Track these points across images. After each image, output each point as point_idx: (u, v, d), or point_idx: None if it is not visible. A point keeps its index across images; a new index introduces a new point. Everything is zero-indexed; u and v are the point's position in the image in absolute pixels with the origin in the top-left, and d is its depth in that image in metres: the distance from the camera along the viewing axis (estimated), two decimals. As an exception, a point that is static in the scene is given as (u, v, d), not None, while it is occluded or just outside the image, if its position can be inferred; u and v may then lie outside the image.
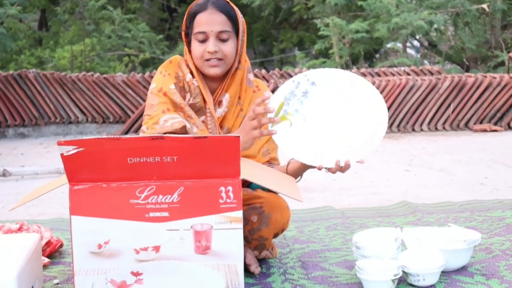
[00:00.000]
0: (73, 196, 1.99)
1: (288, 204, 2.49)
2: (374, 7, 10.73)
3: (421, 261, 2.22)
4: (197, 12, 2.40)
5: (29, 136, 8.42)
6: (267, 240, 2.44)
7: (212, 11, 2.39)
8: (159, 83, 2.46)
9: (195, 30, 2.40)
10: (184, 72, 2.48)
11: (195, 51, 2.41)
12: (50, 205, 3.98)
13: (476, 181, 4.47)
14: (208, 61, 2.40)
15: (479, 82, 7.97)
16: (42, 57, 12.48)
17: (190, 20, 2.43)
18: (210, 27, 2.38)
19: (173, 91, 2.44)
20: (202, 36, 2.39)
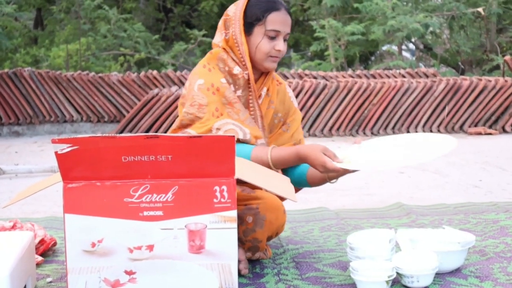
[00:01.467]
0: (66, 194, 1.98)
1: (285, 208, 2.49)
2: (370, 9, 10.76)
3: (415, 262, 2.22)
4: (271, 9, 2.47)
5: (23, 134, 8.40)
6: (261, 243, 2.44)
7: (285, 12, 2.50)
8: (208, 78, 2.47)
9: (269, 26, 2.46)
10: (230, 65, 2.50)
11: (263, 46, 2.47)
12: (44, 203, 3.97)
13: (470, 183, 4.48)
14: (271, 57, 2.49)
15: (474, 85, 7.99)
16: (37, 56, 12.47)
17: (261, 14, 2.47)
18: (284, 27, 2.48)
19: (225, 85, 2.46)
20: (274, 34, 2.47)
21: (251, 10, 2.49)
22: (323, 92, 7.94)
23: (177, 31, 15.05)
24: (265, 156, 2.40)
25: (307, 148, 2.36)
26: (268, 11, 2.47)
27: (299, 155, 2.38)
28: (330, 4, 11.22)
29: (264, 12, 2.46)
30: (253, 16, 2.48)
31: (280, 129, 2.66)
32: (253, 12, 2.48)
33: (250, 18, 2.49)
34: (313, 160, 2.32)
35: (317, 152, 2.32)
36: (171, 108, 7.81)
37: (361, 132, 7.94)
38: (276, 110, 2.64)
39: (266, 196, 2.43)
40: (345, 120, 7.95)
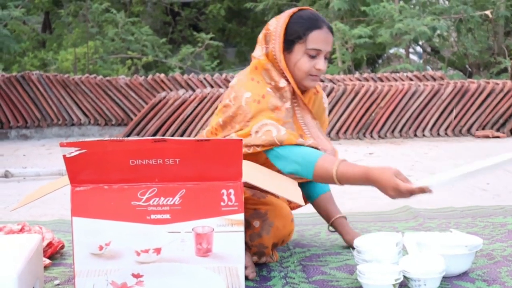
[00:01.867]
0: (74, 198, 1.99)
1: (293, 217, 2.49)
2: (377, 12, 10.75)
3: (422, 266, 2.22)
4: (313, 27, 2.45)
5: (31, 137, 8.43)
6: (267, 249, 2.44)
7: (327, 31, 2.48)
8: (255, 90, 2.43)
9: (310, 45, 2.44)
10: (276, 79, 2.47)
11: (303, 65, 2.45)
12: (52, 206, 3.98)
13: (478, 187, 4.47)
14: (311, 76, 2.47)
15: (482, 88, 7.97)
16: (45, 59, 12.51)
17: (302, 32, 2.44)
18: (326, 46, 2.47)
19: (271, 93, 2.44)
20: (315, 53, 2.45)
21: (293, 27, 2.46)
22: (330, 95, 7.93)
23: (184, 34, 15.07)
24: (331, 167, 2.29)
25: (379, 170, 2.24)
26: (310, 29, 2.45)
27: (368, 176, 2.25)
28: (337, 7, 11.21)
29: (305, 30, 2.45)
30: (294, 33, 2.46)
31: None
32: (294, 29, 2.46)
33: (291, 35, 2.46)
34: (385, 183, 2.20)
35: (389, 175, 2.20)
36: (178, 111, 7.82)
37: (368, 135, 7.93)
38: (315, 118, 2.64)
39: (276, 203, 2.43)
40: (352, 123, 7.94)
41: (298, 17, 2.47)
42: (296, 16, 2.48)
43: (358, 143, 7.50)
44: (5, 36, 9.88)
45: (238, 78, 2.51)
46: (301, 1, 13.22)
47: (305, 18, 2.46)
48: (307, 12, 2.49)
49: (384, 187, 2.20)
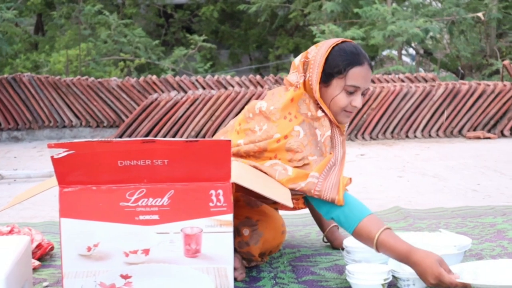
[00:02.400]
0: (63, 199, 1.99)
1: (285, 230, 2.47)
2: (370, 14, 10.77)
3: (411, 266, 2.22)
4: (354, 63, 2.35)
5: (22, 139, 8.41)
6: (254, 257, 2.43)
7: (368, 68, 2.39)
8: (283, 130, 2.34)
9: (350, 82, 2.34)
10: (312, 110, 2.38)
11: (340, 101, 2.36)
12: (42, 208, 3.97)
13: (468, 187, 4.48)
14: (347, 112, 2.40)
15: (473, 90, 8.00)
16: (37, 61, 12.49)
17: (343, 67, 2.34)
18: (365, 84, 2.38)
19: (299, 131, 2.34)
20: (353, 90, 2.36)
21: (333, 60, 2.36)
22: (322, 96, 7.94)
23: (177, 36, 15.07)
24: (375, 232, 2.21)
25: (423, 254, 2.11)
26: (351, 65, 2.35)
27: (411, 257, 2.13)
28: (330, 10, 11.23)
29: (347, 65, 2.35)
30: (334, 67, 2.36)
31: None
32: (335, 63, 2.36)
33: (330, 68, 2.36)
34: (426, 268, 2.08)
35: (433, 262, 2.07)
36: (170, 113, 7.82)
37: (360, 137, 7.94)
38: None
39: (269, 214, 2.41)
40: (345, 124, 7.94)
41: (341, 50, 2.37)
42: (338, 48, 2.38)
43: (350, 144, 7.51)
44: (-3, 38, 9.86)
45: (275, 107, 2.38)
46: (294, 3, 13.25)
47: (347, 52, 2.37)
48: (350, 46, 2.39)
49: (425, 272, 2.09)
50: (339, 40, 2.42)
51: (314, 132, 2.36)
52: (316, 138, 2.35)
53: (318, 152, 2.33)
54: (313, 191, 2.24)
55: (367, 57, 2.40)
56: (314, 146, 2.33)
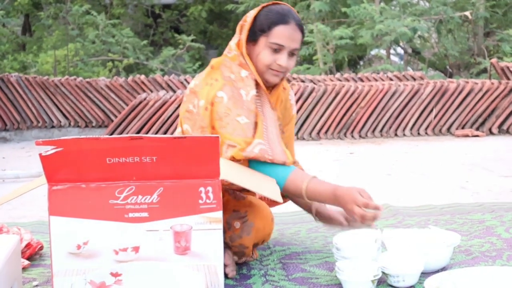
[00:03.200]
0: (51, 197, 1.98)
1: (273, 217, 2.50)
2: (358, 13, 10.79)
3: (401, 262, 2.23)
4: (279, 22, 2.40)
5: (11, 140, 8.37)
6: (247, 249, 2.43)
7: (294, 27, 2.42)
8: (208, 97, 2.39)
9: (272, 39, 2.39)
10: (235, 72, 2.43)
11: (265, 58, 2.41)
12: (31, 208, 3.96)
13: (457, 185, 4.50)
14: (272, 70, 2.43)
15: (461, 88, 8.03)
16: (25, 62, 12.42)
17: (268, 25, 2.40)
18: (289, 43, 2.41)
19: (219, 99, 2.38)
20: (277, 47, 2.40)
21: (260, 19, 2.43)
22: (311, 95, 7.95)
23: (165, 36, 15.05)
24: (301, 184, 2.32)
25: (345, 188, 2.30)
26: (275, 23, 2.41)
27: (335, 194, 2.29)
28: (318, 9, 11.25)
29: (271, 23, 2.41)
30: (260, 25, 2.43)
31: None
32: (261, 21, 2.43)
33: (257, 27, 2.44)
34: (346, 198, 2.25)
35: (354, 192, 2.25)
36: (159, 112, 7.80)
37: (349, 135, 7.96)
38: (279, 118, 2.59)
39: (256, 204, 2.42)
40: (333, 123, 7.96)
41: (268, 10, 2.45)
42: (267, 9, 2.45)
43: (339, 143, 7.52)
44: (-16, 39, 9.80)
45: (199, 80, 2.47)
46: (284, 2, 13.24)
47: (273, 11, 2.43)
48: (279, 7, 2.46)
49: (346, 203, 2.25)
50: (272, 2, 2.50)
51: (238, 93, 2.41)
52: (242, 98, 2.40)
53: (246, 111, 2.37)
54: (266, 155, 2.31)
55: (296, 18, 2.43)
56: (240, 107, 2.38)
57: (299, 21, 2.45)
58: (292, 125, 2.74)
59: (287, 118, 2.70)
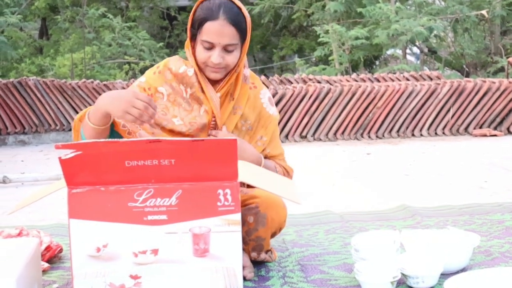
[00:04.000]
0: (71, 200, 1.99)
1: (284, 203, 2.48)
2: (373, 13, 10.76)
3: (420, 263, 2.22)
4: (207, 18, 2.33)
5: (29, 143, 8.43)
6: (265, 240, 2.44)
7: (223, 22, 2.32)
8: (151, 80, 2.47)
9: (203, 37, 2.34)
10: (178, 67, 2.46)
11: (199, 56, 2.38)
12: (50, 210, 3.98)
13: (475, 185, 4.47)
14: (210, 67, 2.39)
15: (479, 87, 7.99)
16: (42, 65, 12.51)
17: (198, 23, 2.36)
18: (218, 39, 2.33)
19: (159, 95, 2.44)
20: (208, 45, 2.35)
21: (194, 17, 2.39)
22: (327, 96, 7.94)
23: (181, 38, 15.08)
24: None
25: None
26: (204, 20, 2.34)
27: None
28: (334, 9, 11.23)
29: (200, 20, 2.35)
30: (193, 23, 2.40)
31: (253, 142, 2.52)
32: (194, 19, 2.39)
33: (192, 26, 2.41)
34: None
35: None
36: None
37: (365, 136, 7.94)
38: (245, 116, 2.51)
39: (264, 194, 2.41)
40: (350, 124, 7.95)
41: (200, 6, 2.39)
42: (201, 5, 2.39)
43: (356, 144, 7.51)
44: (2, 43, 9.89)
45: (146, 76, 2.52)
46: (298, 3, 13.25)
47: (204, 8, 2.37)
48: (211, 2, 2.37)
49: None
50: None
51: (178, 89, 2.45)
52: (182, 94, 2.44)
53: (183, 111, 2.42)
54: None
55: (227, 12, 2.33)
56: (178, 105, 2.43)
57: (232, 15, 2.34)
58: (273, 126, 2.59)
59: (258, 117, 2.56)
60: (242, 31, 2.37)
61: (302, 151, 7.07)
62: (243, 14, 2.39)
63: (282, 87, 8.16)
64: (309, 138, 7.98)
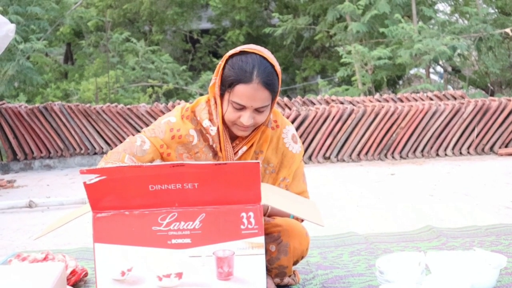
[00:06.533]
0: (96, 224, 2.00)
1: (307, 231, 2.47)
2: (396, 33, 10.76)
3: (446, 285, 2.20)
4: (240, 80, 2.23)
5: (55, 167, 8.51)
6: (287, 268, 2.43)
7: (257, 87, 2.22)
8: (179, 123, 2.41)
9: (234, 98, 2.24)
10: (202, 117, 2.39)
11: (228, 116, 2.29)
12: (76, 234, 4.01)
13: (501, 205, 4.42)
14: (238, 126, 2.31)
15: (503, 106, 7.92)
16: (67, 90, 12.67)
17: (229, 83, 2.25)
18: (251, 103, 2.24)
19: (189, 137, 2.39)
20: (239, 106, 2.26)
21: (225, 73, 2.28)
22: (350, 117, 7.93)
23: (204, 61, 15.20)
24: None
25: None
26: (236, 81, 2.23)
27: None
28: (356, 30, 11.25)
29: (232, 81, 2.24)
30: (223, 80, 2.29)
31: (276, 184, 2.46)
32: (225, 75, 2.28)
33: (222, 81, 2.29)
34: None
35: None
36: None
37: (389, 156, 7.90)
38: (267, 159, 2.44)
39: (286, 223, 2.40)
40: (373, 144, 7.92)
41: (231, 64, 2.26)
42: (231, 61, 2.27)
43: (380, 164, 7.47)
44: (28, 69, 10.03)
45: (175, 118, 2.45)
46: (320, 24, 13.29)
47: (236, 67, 2.24)
48: (244, 60, 2.25)
49: None
50: (237, 50, 2.30)
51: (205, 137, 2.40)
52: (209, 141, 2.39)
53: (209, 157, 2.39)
54: None
55: (261, 74, 2.23)
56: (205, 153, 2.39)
57: (266, 78, 2.23)
58: (296, 164, 2.50)
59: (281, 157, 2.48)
60: (274, 91, 2.29)
61: (326, 172, 7.05)
62: (276, 73, 2.29)
63: (305, 108, 8.16)
64: (332, 159, 7.96)
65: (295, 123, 7.94)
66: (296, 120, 7.98)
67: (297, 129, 7.99)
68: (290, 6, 14.77)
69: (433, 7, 12.99)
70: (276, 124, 2.48)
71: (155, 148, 2.38)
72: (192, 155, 2.39)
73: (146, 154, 2.36)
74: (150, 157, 2.37)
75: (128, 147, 2.38)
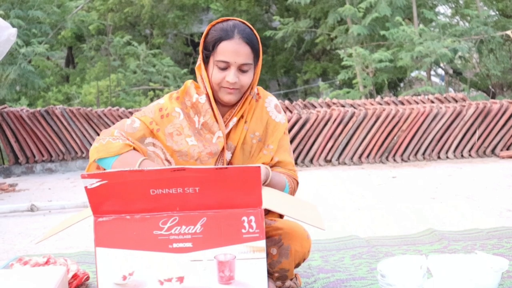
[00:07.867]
0: (97, 228, 2.01)
1: (308, 233, 2.47)
2: (397, 36, 10.77)
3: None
4: (222, 38, 2.35)
5: (56, 171, 8.52)
6: (289, 271, 2.43)
7: (239, 41, 2.35)
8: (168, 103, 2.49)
9: (218, 57, 2.36)
10: (191, 94, 2.47)
11: (214, 77, 2.39)
12: (77, 238, 4.01)
13: (503, 207, 4.42)
14: (225, 88, 2.39)
15: (505, 108, 7.92)
16: (69, 94, 12.69)
17: (213, 43, 2.37)
18: (234, 58, 2.35)
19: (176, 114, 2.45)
20: (224, 65, 2.35)
21: (207, 39, 2.40)
22: (351, 120, 7.93)
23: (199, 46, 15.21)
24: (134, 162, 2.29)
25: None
26: (218, 40, 2.36)
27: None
28: (357, 33, 11.26)
29: (215, 41, 2.36)
30: (206, 45, 2.40)
31: (261, 152, 2.50)
32: (207, 41, 2.40)
33: (205, 47, 2.41)
34: None
35: None
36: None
37: (391, 159, 7.90)
38: (252, 129, 2.50)
39: (287, 226, 2.40)
40: (375, 147, 7.92)
41: (213, 28, 2.40)
42: (213, 27, 2.41)
43: (381, 167, 7.47)
44: (30, 72, 10.05)
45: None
46: (321, 27, 13.30)
47: (217, 29, 2.38)
48: (224, 23, 2.40)
49: None
50: (220, 19, 2.43)
51: (192, 120, 2.45)
52: (194, 124, 2.44)
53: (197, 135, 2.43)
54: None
55: (243, 32, 2.36)
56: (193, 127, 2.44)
57: (246, 35, 2.37)
58: (279, 133, 2.54)
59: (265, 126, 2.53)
60: (256, 51, 2.39)
61: (327, 175, 7.05)
62: (255, 35, 2.42)
63: (306, 111, 8.17)
64: (333, 162, 7.96)
65: (296, 126, 7.94)
66: (297, 123, 7.98)
67: (298, 132, 7.99)
68: (291, 9, 14.79)
69: (434, 10, 13.01)
70: (259, 96, 2.57)
71: (145, 126, 2.43)
72: (181, 131, 2.43)
73: (136, 131, 2.41)
74: (141, 133, 2.42)
75: (119, 126, 2.44)
